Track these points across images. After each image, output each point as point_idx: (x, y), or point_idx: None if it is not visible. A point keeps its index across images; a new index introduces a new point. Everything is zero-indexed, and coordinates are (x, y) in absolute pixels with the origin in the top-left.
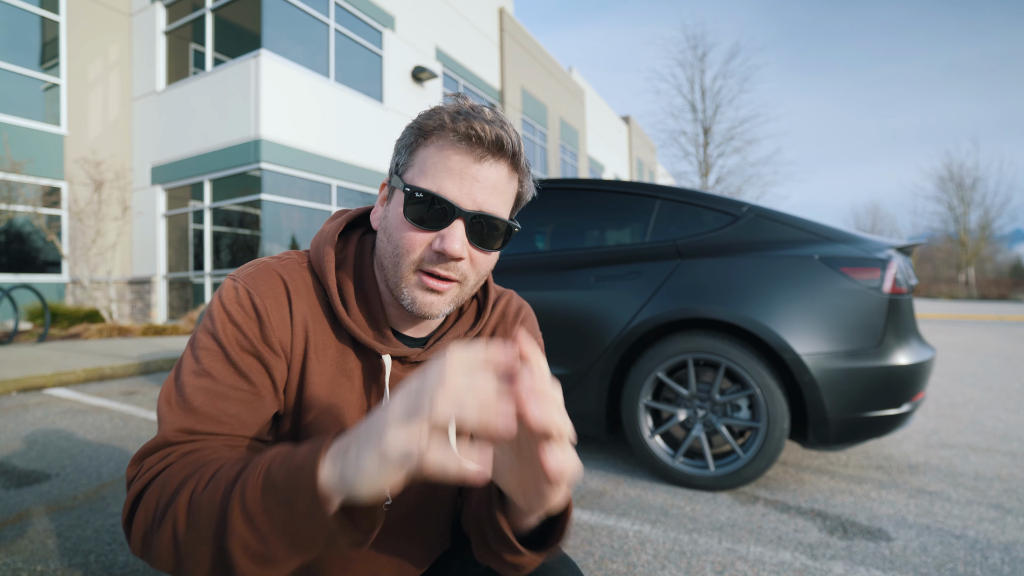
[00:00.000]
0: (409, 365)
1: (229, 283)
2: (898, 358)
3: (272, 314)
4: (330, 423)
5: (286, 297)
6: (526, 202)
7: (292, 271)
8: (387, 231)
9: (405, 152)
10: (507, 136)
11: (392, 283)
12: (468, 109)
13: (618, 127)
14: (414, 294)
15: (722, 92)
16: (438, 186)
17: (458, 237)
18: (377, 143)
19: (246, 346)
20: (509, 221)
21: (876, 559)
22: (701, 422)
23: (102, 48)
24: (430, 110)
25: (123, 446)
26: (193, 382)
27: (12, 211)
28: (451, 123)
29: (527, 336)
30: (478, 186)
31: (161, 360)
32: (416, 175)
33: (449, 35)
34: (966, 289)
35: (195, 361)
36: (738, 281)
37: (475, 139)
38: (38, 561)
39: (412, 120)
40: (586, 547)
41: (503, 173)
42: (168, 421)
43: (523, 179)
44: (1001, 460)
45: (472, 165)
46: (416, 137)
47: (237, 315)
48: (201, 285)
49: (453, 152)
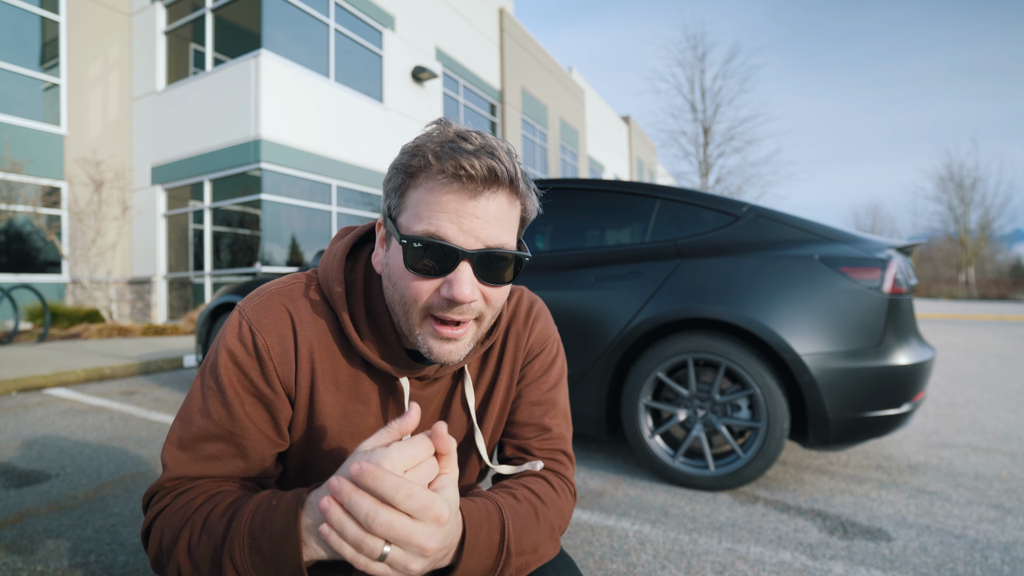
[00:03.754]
0: (428, 382)
1: (235, 317)
2: (898, 358)
3: (274, 351)
4: (344, 452)
5: (291, 330)
6: (531, 220)
7: (298, 299)
8: (391, 279)
9: (395, 195)
10: (499, 164)
11: (406, 331)
12: (451, 142)
13: (618, 127)
14: (430, 344)
15: (722, 92)
16: (436, 228)
17: (467, 280)
18: (377, 143)
19: (248, 387)
20: (517, 252)
21: (876, 559)
22: (701, 422)
23: (102, 48)
24: (412, 147)
25: (123, 446)
26: (195, 423)
27: (12, 211)
28: (437, 163)
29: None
30: (479, 223)
31: (161, 360)
32: (411, 220)
33: (449, 35)
34: (966, 289)
35: (201, 399)
36: (738, 281)
37: (466, 177)
38: (38, 561)
39: (395, 158)
40: (586, 547)
41: (502, 202)
42: (169, 467)
43: (524, 201)
44: (1001, 460)
45: (468, 203)
46: (404, 178)
47: (239, 355)
48: (201, 285)
49: (445, 192)
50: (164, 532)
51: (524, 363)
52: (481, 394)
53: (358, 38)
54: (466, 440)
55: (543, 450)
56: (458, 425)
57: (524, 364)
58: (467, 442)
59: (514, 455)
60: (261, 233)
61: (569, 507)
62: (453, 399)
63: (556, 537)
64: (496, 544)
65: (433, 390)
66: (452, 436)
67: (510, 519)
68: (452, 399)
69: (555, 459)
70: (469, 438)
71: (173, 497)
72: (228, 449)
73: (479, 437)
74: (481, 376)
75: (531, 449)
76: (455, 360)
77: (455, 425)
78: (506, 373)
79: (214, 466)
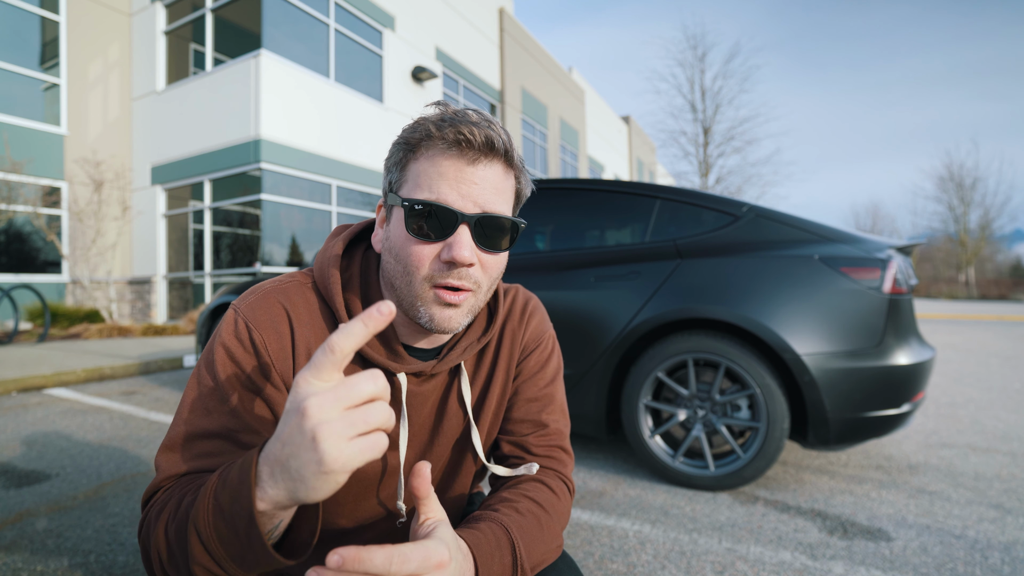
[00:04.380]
0: (425, 378)
1: (230, 315)
2: (898, 358)
3: (272, 347)
4: None
5: (288, 326)
6: (526, 198)
7: (295, 296)
8: (392, 251)
9: (396, 169)
10: (496, 135)
11: (407, 303)
12: (452, 115)
13: (618, 127)
14: (432, 311)
15: (722, 92)
16: (436, 195)
17: (465, 243)
18: (377, 143)
19: (246, 383)
20: (514, 219)
21: (876, 559)
22: (701, 422)
23: (102, 48)
24: (413, 123)
25: (123, 446)
26: (192, 421)
27: (12, 211)
28: (437, 131)
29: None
30: (476, 188)
31: (161, 360)
32: (412, 189)
33: (449, 35)
34: (966, 289)
35: (198, 397)
36: (738, 281)
37: (465, 143)
38: (38, 561)
39: (397, 136)
40: (586, 547)
41: (499, 172)
42: (162, 468)
43: (519, 175)
44: (1001, 460)
45: (466, 168)
46: (404, 152)
47: (236, 351)
48: (201, 285)
49: (445, 159)
50: (150, 526)
51: (520, 359)
52: (477, 391)
53: (358, 38)
54: (462, 438)
55: (541, 447)
56: (454, 422)
57: (520, 360)
58: (463, 440)
59: (512, 452)
60: (261, 233)
61: (569, 507)
62: (449, 396)
63: (560, 542)
64: (509, 566)
65: (430, 387)
66: (448, 433)
67: (518, 537)
68: (448, 396)
69: (553, 456)
70: (466, 436)
71: (165, 493)
72: (225, 446)
73: (475, 435)
74: (477, 373)
75: (529, 446)
76: (454, 328)
77: (451, 422)
78: (502, 370)
79: (209, 462)
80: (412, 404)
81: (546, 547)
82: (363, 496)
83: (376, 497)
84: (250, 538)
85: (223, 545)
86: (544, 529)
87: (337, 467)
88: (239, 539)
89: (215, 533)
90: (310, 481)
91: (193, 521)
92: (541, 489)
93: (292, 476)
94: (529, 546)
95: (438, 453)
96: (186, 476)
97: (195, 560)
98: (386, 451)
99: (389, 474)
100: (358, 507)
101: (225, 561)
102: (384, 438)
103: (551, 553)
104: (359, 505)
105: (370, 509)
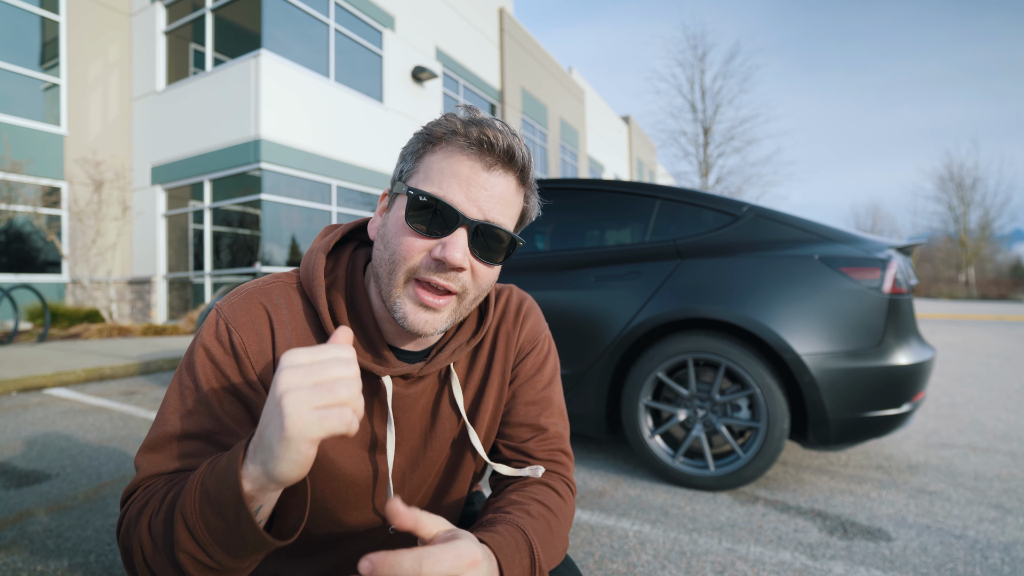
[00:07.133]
0: (413, 381)
1: (212, 316)
2: (898, 358)
3: (251, 349)
4: (327, 452)
5: (268, 328)
6: (529, 221)
7: (277, 297)
8: (385, 238)
9: (411, 158)
10: (519, 149)
11: (385, 293)
12: (480, 118)
13: (618, 127)
14: (406, 309)
15: (722, 92)
16: (444, 191)
17: (460, 245)
18: (377, 143)
19: (225, 384)
20: (514, 235)
21: (876, 559)
22: (701, 422)
23: (102, 48)
24: (441, 117)
25: (123, 446)
26: (172, 423)
27: (12, 211)
28: (463, 128)
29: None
30: (485, 195)
31: (161, 360)
32: (421, 180)
33: (449, 35)
34: (966, 289)
35: (179, 398)
36: (738, 281)
37: (487, 146)
38: (38, 561)
39: (421, 127)
40: (586, 547)
41: (511, 185)
42: (143, 468)
43: (529, 195)
44: (1001, 460)
45: (481, 173)
46: (424, 143)
47: (216, 353)
48: (201, 285)
49: (463, 158)
50: (130, 523)
51: (516, 362)
52: (472, 394)
53: (358, 38)
54: (459, 441)
55: (543, 451)
56: (448, 426)
57: (516, 363)
58: (460, 443)
59: (513, 458)
60: (261, 233)
61: (572, 509)
62: (442, 400)
63: (566, 544)
64: (528, 568)
65: (418, 389)
66: (443, 435)
67: (535, 539)
68: (441, 400)
69: (555, 459)
70: (462, 439)
71: (146, 491)
72: (205, 448)
73: (473, 435)
74: (470, 375)
75: (530, 452)
76: (429, 332)
77: (446, 424)
78: (497, 373)
79: (189, 463)
80: (400, 407)
81: (555, 550)
82: (355, 504)
83: (370, 504)
84: (239, 518)
85: (209, 530)
86: (554, 532)
87: (295, 432)
88: (226, 522)
89: (201, 519)
90: (275, 448)
91: (180, 508)
92: (548, 492)
93: (264, 446)
94: (543, 548)
95: (432, 456)
96: (166, 476)
97: (181, 548)
98: (375, 455)
99: (380, 480)
100: (350, 514)
101: (211, 547)
102: (350, 414)
103: (559, 556)
104: (351, 513)
105: (362, 517)
